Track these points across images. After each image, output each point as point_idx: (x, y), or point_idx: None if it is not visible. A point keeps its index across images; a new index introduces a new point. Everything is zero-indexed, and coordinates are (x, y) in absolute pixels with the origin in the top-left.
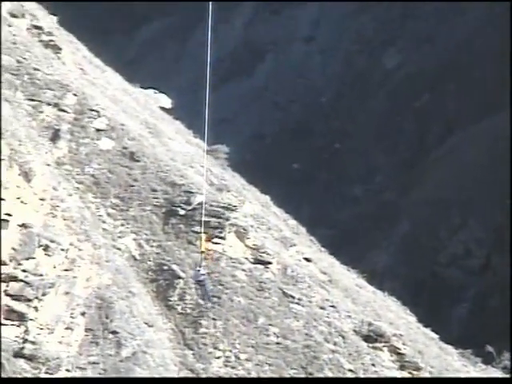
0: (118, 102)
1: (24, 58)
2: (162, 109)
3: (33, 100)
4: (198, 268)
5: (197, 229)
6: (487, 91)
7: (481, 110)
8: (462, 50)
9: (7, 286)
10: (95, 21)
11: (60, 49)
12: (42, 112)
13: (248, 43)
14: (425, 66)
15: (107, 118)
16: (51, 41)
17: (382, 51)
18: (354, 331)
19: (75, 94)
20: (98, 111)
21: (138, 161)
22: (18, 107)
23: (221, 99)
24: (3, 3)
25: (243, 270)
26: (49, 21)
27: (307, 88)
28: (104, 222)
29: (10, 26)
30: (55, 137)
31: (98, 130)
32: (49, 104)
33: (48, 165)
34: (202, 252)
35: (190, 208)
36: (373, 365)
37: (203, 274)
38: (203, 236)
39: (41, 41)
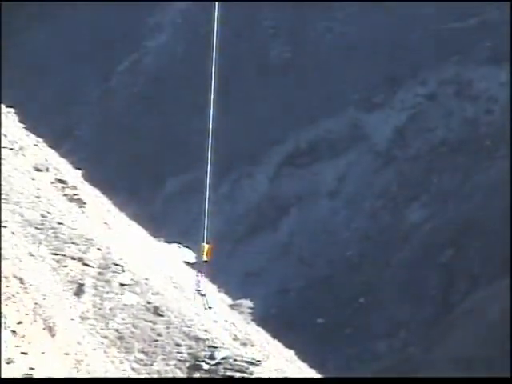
0: (143, 256)
1: (48, 213)
2: (187, 263)
3: (57, 254)
4: (197, 277)
5: None
6: None
7: (506, 266)
8: (487, 205)
9: None
10: (121, 176)
11: (84, 203)
12: (66, 266)
13: (273, 198)
14: (449, 220)
15: (131, 273)
16: (75, 195)
17: (407, 206)
18: None
19: (99, 249)
20: (122, 266)
21: (161, 315)
22: (42, 261)
23: (246, 253)
24: (28, 158)
25: None
26: (73, 175)
27: (332, 243)
28: (128, 376)
29: (33, 179)
30: (79, 291)
31: (122, 285)
32: (73, 258)
33: (72, 319)
34: (206, 262)
35: (214, 362)
36: None
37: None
38: (206, 246)
39: (65, 195)
